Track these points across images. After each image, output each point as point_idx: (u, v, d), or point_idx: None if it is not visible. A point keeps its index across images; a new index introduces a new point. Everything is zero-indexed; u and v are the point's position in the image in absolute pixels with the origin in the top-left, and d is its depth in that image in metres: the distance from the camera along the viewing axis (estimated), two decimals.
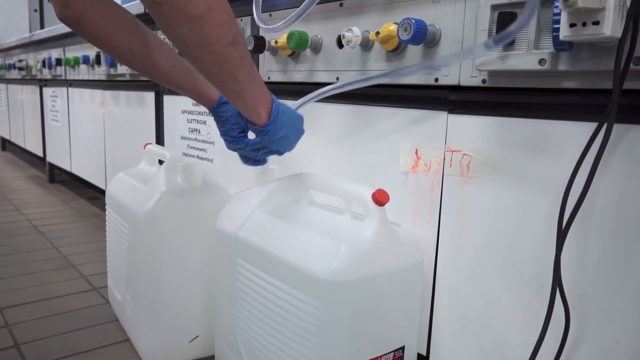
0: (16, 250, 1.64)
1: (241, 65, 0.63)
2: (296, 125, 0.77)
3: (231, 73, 0.63)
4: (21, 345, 1.05)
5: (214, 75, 0.64)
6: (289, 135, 0.75)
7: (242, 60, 0.63)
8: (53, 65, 2.30)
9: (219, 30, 0.58)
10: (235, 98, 0.68)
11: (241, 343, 0.83)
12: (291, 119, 0.75)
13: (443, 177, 0.76)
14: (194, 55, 0.60)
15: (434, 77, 0.75)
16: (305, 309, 0.68)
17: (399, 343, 0.74)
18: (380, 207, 0.70)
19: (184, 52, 0.61)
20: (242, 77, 0.64)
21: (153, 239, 0.95)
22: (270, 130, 0.72)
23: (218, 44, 0.59)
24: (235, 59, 0.62)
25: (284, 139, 0.75)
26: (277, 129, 0.73)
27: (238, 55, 0.62)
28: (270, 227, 0.78)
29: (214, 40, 0.58)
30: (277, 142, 0.75)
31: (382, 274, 0.70)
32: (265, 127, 0.72)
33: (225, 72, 0.63)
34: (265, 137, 0.74)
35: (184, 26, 0.56)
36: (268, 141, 0.74)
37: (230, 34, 0.59)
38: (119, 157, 1.84)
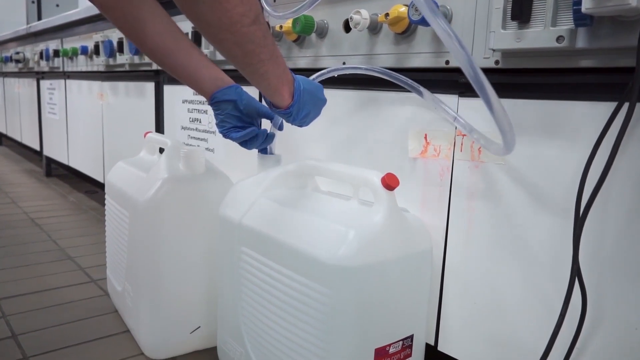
0: (13, 242, 1.61)
1: (265, 45, 0.61)
2: (318, 99, 0.76)
3: (255, 54, 0.61)
4: (19, 336, 1.02)
5: (237, 57, 0.61)
6: (311, 111, 0.74)
7: (265, 40, 0.61)
8: (51, 57, 2.27)
9: (241, 7, 0.55)
10: (260, 80, 0.65)
11: (244, 332, 0.81)
12: (312, 95, 0.73)
13: (453, 162, 0.74)
14: (216, 36, 0.58)
15: (445, 59, 0.73)
16: (313, 295, 0.66)
17: (408, 331, 0.73)
18: (389, 192, 0.68)
19: (205, 33, 0.59)
20: (265, 57, 0.62)
21: (154, 227, 0.93)
22: (293, 112, 0.71)
23: (240, 23, 0.56)
24: (258, 39, 0.59)
25: (307, 116, 0.75)
26: (300, 108, 0.71)
27: (261, 34, 0.59)
28: (275, 213, 0.76)
29: (236, 19, 0.56)
30: (301, 121, 0.75)
31: (390, 260, 0.68)
32: (290, 108, 0.70)
33: (248, 53, 0.60)
34: (289, 119, 0.73)
35: (205, 5, 0.54)
36: (292, 121, 0.74)
37: (252, 12, 0.57)
38: (117, 150, 1.82)
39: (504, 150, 0.63)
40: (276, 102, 0.70)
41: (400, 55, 0.79)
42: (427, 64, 0.75)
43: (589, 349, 0.62)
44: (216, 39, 0.59)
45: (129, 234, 1.01)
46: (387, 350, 0.70)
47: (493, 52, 0.66)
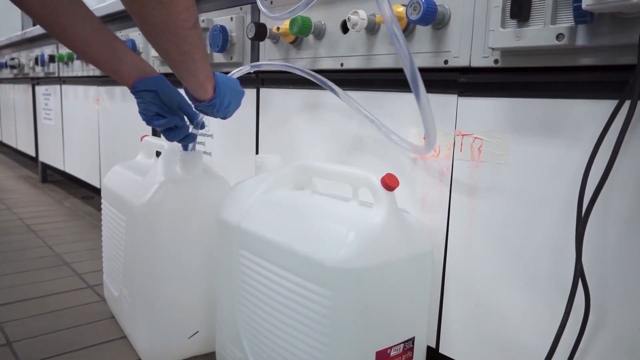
0: (8, 248, 1.60)
1: (199, 47, 0.70)
2: (236, 91, 0.85)
3: (189, 54, 0.69)
4: (13, 343, 1.01)
5: (172, 54, 0.70)
6: (231, 101, 0.83)
7: (199, 42, 0.70)
8: (46, 62, 2.26)
9: (185, 14, 0.64)
10: (189, 76, 0.74)
11: (243, 336, 0.80)
12: (231, 88, 0.82)
13: (453, 162, 0.73)
14: (157, 35, 0.66)
15: (443, 59, 0.72)
16: (313, 298, 0.65)
17: (409, 334, 0.72)
18: (389, 193, 0.67)
19: (147, 32, 0.67)
20: (198, 57, 0.71)
21: (152, 231, 0.92)
22: (217, 103, 0.80)
23: (182, 27, 0.65)
24: (194, 41, 0.68)
25: (229, 107, 0.83)
26: (222, 99, 0.80)
27: (197, 37, 0.69)
28: (274, 216, 0.76)
29: (179, 23, 0.64)
30: (224, 112, 0.83)
31: (391, 262, 0.67)
32: (213, 100, 0.79)
33: (184, 52, 0.69)
34: (213, 110, 0.81)
35: (154, 9, 0.62)
36: (216, 112, 0.82)
37: (193, 18, 0.66)
38: (114, 155, 1.81)
39: (426, 150, 0.72)
40: (201, 96, 0.78)
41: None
42: (426, 63, 0.75)
43: (593, 350, 0.61)
44: (157, 39, 0.67)
45: (125, 238, 1.00)
46: (389, 353, 0.69)
47: (492, 51, 0.66)
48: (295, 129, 0.99)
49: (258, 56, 1.06)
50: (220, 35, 1.08)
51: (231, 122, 1.14)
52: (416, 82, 0.66)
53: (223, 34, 1.08)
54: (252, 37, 0.96)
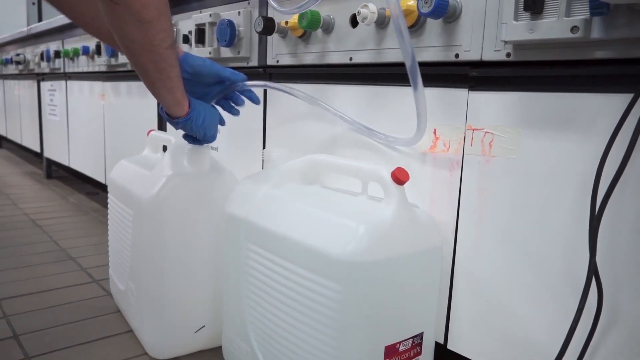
0: (13, 243, 1.60)
1: (174, 65, 0.72)
2: (210, 109, 0.85)
3: (166, 71, 0.71)
4: (20, 336, 1.01)
5: (150, 71, 0.71)
6: (206, 117, 0.83)
7: (175, 62, 0.72)
8: (51, 58, 2.26)
9: (163, 34, 0.67)
10: (166, 93, 0.75)
11: (251, 330, 0.80)
12: (204, 105, 0.84)
13: (463, 157, 0.73)
14: (136, 52, 0.68)
15: (454, 53, 0.72)
16: (322, 291, 0.65)
17: (417, 329, 0.72)
18: (399, 187, 0.67)
19: (126, 48, 0.69)
20: (174, 75, 0.73)
21: (159, 225, 0.91)
22: (193, 117, 0.80)
23: (159, 46, 0.67)
24: (171, 60, 0.71)
25: (205, 122, 0.83)
26: (198, 115, 0.81)
27: (173, 57, 0.71)
28: (283, 209, 0.75)
29: (157, 42, 0.67)
30: (201, 127, 0.83)
31: (401, 256, 0.67)
32: (189, 115, 0.80)
33: (161, 70, 0.71)
34: (190, 125, 0.81)
35: (134, 26, 0.64)
36: (193, 128, 0.82)
37: (170, 38, 0.69)
38: (119, 150, 1.81)
39: (413, 141, 0.75)
40: (177, 112, 0.79)
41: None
42: (436, 57, 0.74)
43: (604, 346, 0.61)
44: (135, 55, 0.69)
45: (132, 232, 1.00)
46: (397, 348, 0.68)
47: (504, 44, 0.65)
48: (303, 123, 0.99)
49: (266, 51, 1.06)
50: (227, 29, 1.07)
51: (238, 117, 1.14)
52: (415, 75, 0.70)
53: (230, 29, 1.07)
54: (260, 31, 0.96)
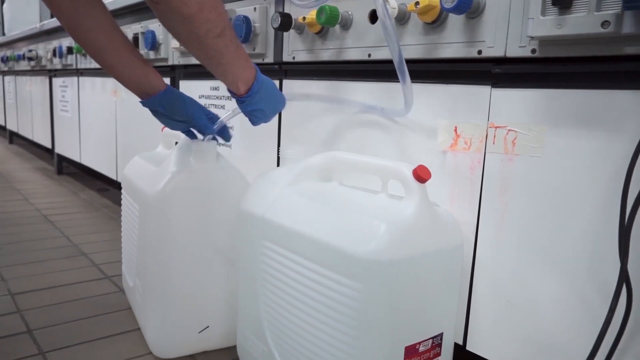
0: (26, 238, 1.60)
1: (225, 52, 0.73)
2: (274, 103, 0.86)
3: (216, 58, 0.73)
4: (34, 331, 1.01)
5: (201, 58, 0.74)
6: (264, 109, 0.83)
7: (227, 48, 0.72)
8: (64, 54, 2.27)
9: (207, 25, 0.67)
10: (219, 75, 0.77)
11: (267, 329, 0.79)
12: (271, 97, 0.84)
13: (485, 155, 0.72)
14: (185, 44, 0.72)
15: (477, 49, 0.71)
16: (342, 290, 0.64)
17: (437, 329, 0.70)
18: (421, 185, 0.66)
19: (177, 38, 0.73)
20: (225, 61, 0.74)
21: (163, 221, 0.90)
22: (246, 102, 0.81)
23: (206, 37, 0.68)
24: (220, 48, 0.71)
25: (259, 112, 0.84)
26: (253, 102, 0.81)
27: (223, 44, 0.71)
28: (301, 207, 0.75)
29: (202, 34, 0.67)
30: (250, 113, 0.84)
31: (422, 255, 0.66)
32: (242, 98, 0.81)
33: (210, 57, 0.73)
34: (241, 106, 0.83)
35: (177, 22, 0.66)
36: (243, 110, 0.84)
37: (218, 28, 0.68)
38: (131, 146, 1.81)
39: (404, 111, 0.78)
40: (233, 90, 0.81)
41: (430, 46, 0.77)
42: (458, 54, 0.73)
43: (631, 350, 0.59)
44: (185, 45, 0.72)
45: (138, 227, 0.99)
46: (417, 349, 0.67)
47: (530, 40, 0.64)
48: (319, 120, 0.98)
49: (282, 47, 1.05)
50: (243, 25, 1.07)
51: None
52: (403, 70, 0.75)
53: (246, 25, 1.06)
54: (277, 27, 0.95)
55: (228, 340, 0.98)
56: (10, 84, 3.51)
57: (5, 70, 3.62)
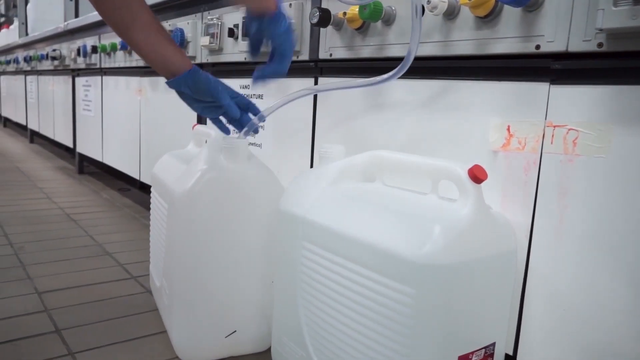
0: (50, 236, 1.60)
1: None
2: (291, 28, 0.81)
3: None
4: (62, 331, 0.99)
5: None
6: (289, 32, 0.78)
7: None
8: (88, 53, 2.27)
9: None
10: None
11: (307, 333, 0.76)
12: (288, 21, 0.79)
13: (541, 155, 0.68)
14: None
15: (535, 44, 0.67)
16: (392, 295, 0.61)
17: (490, 339, 0.67)
18: (476, 186, 0.63)
19: None
20: None
21: (192, 221, 0.88)
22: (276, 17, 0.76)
23: None
24: None
25: (287, 34, 0.78)
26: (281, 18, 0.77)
27: None
28: (345, 208, 0.71)
29: None
30: (279, 35, 0.78)
31: (477, 260, 0.62)
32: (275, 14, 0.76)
33: None
34: (271, 26, 0.77)
35: None
36: (273, 32, 0.78)
37: None
38: (155, 146, 1.79)
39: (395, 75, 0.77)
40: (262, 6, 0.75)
41: (481, 41, 0.73)
42: (513, 49, 0.69)
43: None
44: None
45: (167, 226, 0.96)
46: (470, 359, 0.64)
47: (597, 33, 0.60)
48: (356, 120, 0.95)
49: (318, 44, 1.02)
50: None
51: (285, 113, 1.11)
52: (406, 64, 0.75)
53: None
54: (315, 22, 0.92)
55: (258, 346, 0.95)
56: (32, 84, 3.54)
57: (27, 70, 3.65)
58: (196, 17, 1.44)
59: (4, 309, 1.06)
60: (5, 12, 5.91)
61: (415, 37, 0.72)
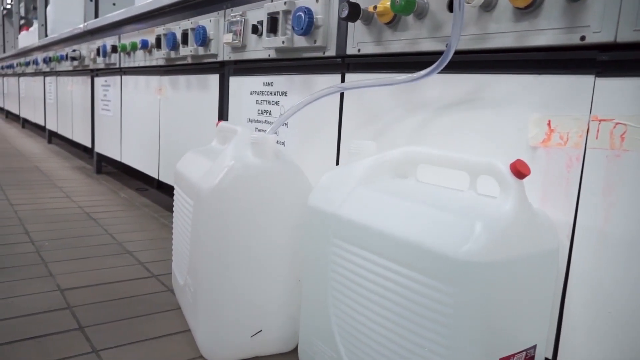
0: (71, 234, 1.59)
1: None
2: None
3: None
4: (85, 328, 0.98)
5: None
6: None
7: None
8: (108, 53, 2.28)
9: None
10: None
11: (337, 333, 0.74)
12: None
13: (585, 151, 0.65)
14: None
15: (579, 35, 0.64)
16: (432, 295, 0.59)
17: (531, 341, 0.64)
18: (519, 181, 0.60)
19: None
20: None
21: (219, 217, 0.86)
22: None
23: None
24: None
25: None
26: None
27: None
28: (379, 203, 0.69)
29: None
30: None
31: (519, 258, 0.60)
32: None
33: None
34: None
35: None
36: None
37: None
38: (175, 145, 1.79)
39: None
40: None
41: (521, 34, 0.71)
42: (556, 41, 0.67)
43: None
44: None
45: (192, 223, 0.95)
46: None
47: None
48: (385, 117, 0.93)
49: (345, 40, 1.00)
50: (305, 17, 1.03)
51: (309, 110, 1.09)
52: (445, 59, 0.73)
53: (308, 16, 1.02)
54: (344, 16, 0.91)
55: (283, 346, 0.93)
56: (51, 85, 3.57)
57: (46, 71, 3.69)
58: (218, 15, 1.43)
59: (27, 305, 1.06)
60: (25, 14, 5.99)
61: (456, 30, 0.70)
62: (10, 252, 1.39)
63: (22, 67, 4.56)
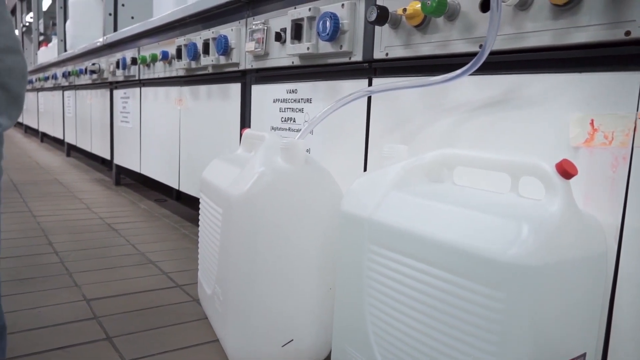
0: (94, 245, 1.60)
1: None
2: None
3: None
4: (114, 338, 0.97)
5: None
6: None
7: None
8: (127, 65, 2.30)
9: None
10: None
11: (374, 342, 0.72)
12: None
13: (632, 150, 0.63)
14: None
15: (624, 30, 0.63)
16: (479, 301, 0.57)
17: (580, 349, 0.61)
18: (565, 182, 0.58)
19: None
20: None
21: (249, 225, 0.85)
22: None
23: None
24: None
25: None
26: None
27: None
28: (416, 207, 0.68)
29: None
30: None
31: (568, 262, 0.58)
32: None
33: None
34: None
35: None
36: None
37: None
38: (195, 155, 1.79)
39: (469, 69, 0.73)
40: None
41: (559, 31, 0.69)
42: (597, 37, 0.65)
43: None
44: None
45: (221, 231, 0.94)
46: None
47: None
48: (415, 121, 0.91)
49: (372, 44, 0.99)
50: (331, 22, 1.02)
51: (334, 117, 1.08)
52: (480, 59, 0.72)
53: (334, 22, 1.02)
54: (373, 20, 0.90)
55: (316, 354, 0.91)
56: (70, 99, 3.62)
57: (65, 86, 3.74)
58: (240, 24, 1.43)
59: (54, 315, 1.05)
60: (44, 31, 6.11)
61: (492, 30, 0.68)
62: (35, 262, 1.39)
63: (41, 82, 4.63)
